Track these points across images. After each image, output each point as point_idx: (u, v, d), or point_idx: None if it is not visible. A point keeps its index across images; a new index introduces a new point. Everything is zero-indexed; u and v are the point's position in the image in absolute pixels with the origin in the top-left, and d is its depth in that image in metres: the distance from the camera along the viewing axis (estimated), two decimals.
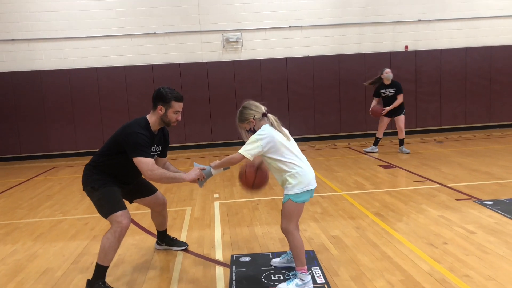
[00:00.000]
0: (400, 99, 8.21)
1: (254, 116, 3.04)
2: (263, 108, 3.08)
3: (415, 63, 11.20)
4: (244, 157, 2.95)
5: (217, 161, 3.17)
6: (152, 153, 3.29)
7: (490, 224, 4.07)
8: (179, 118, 3.35)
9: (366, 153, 8.69)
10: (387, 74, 8.17)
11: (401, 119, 8.35)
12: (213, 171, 3.19)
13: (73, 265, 3.70)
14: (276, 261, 3.44)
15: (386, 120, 8.51)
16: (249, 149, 2.93)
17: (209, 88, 10.85)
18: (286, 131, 3.10)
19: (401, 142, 8.56)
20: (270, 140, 2.93)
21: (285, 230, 3.04)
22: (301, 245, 3.01)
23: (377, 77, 8.32)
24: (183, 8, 10.76)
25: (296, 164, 2.97)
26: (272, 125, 3.02)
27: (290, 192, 2.97)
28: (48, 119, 10.61)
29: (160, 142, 3.46)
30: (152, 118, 3.32)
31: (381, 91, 8.31)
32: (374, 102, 8.48)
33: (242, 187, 3.18)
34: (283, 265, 3.39)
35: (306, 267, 3.02)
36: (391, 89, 8.25)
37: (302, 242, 3.04)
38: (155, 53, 10.81)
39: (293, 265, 3.32)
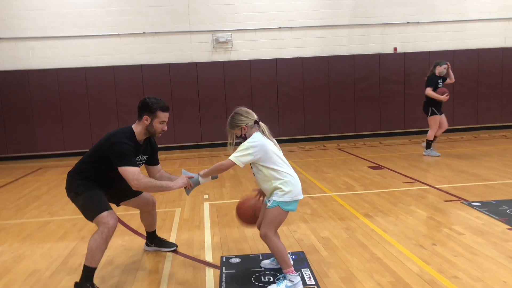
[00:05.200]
0: None
1: (247, 123, 3.04)
2: (255, 116, 3.09)
3: (403, 65, 11.30)
4: (234, 163, 2.95)
5: (206, 170, 3.18)
6: (137, 162, 3.28)
7: (478, 226, 4.11)
8: (165, 128, 3.35)
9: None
10: (445, 70, 7.82)
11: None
12: (201, 179, 3.20)
13: (61, 266, 3.66)
14: (266, 263, 3.44)
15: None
16: (239, 156, 2.94)
17: (198, 88, 10.82)
18: (274, 140, 3.11)
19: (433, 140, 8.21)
20: (261, 148, 2.93)
21: (264, 236, 3.02)
22: (282, 248, 3.00)
23: (434, 67, 7.88)
24: (173, 8, 10.71)
25: (288, 173, 2.99)
26: (263, 133, 3.03)
27: (281, 199, 2.96)
28: (35, 119, 10.47)
29: (145, 152, 3.44)
30: (137, 128, 3.31)
31: (439, 81, 7.83)
32: (430, 91, 7.74)
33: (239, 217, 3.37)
34: (273, 267, 3.39)
35: (293, 268, 3.01)
36: (442, 81, 7.94)
37: (283, 245, 3.04)
38: (144, 53, 10.74)
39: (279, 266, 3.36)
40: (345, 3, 11.14)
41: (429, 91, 7.74)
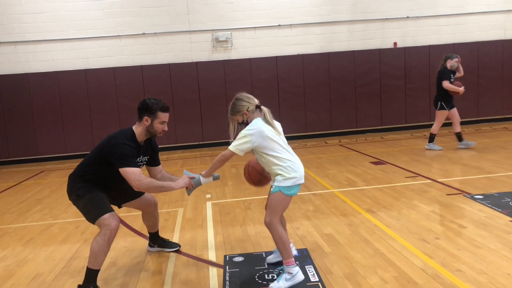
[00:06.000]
0: None
1: (248, 108, 3.03)
2: (256, 100, 3.08)
3: (404, 60, 11.27)
4: (234, 153, 2.96)
5: (208, 169, 3.20)
6: (138, 163, 3.28)
7: (481, 218, 4.09)
8: (166, 128, 3.36)
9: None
10: (456, 64, 7.72)
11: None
12: (202, 179, 3.22)
13: (64, 269, 3.67)
14: (270, 258, 3.43)
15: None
16: (237, 145, 2.95)
17: (199, 88, 10.82)
18: (278, 124, 3.11)
19: (459, 136, 7.98)
20: (259, 135, 2.93)
21: (268, 224, 3.02)
22: (285, 237, 3.01)
23: (445, 60, 7.76)
24: (172, 8, 10.70)
25: (288, 158, 2.98)
26: (265, 117, 3.02)
27: (282, 184, 2.96)
28: (36, 122, 10.49)
29: (146, 153, 3.45)
30: (138, 129, 3.32)
31: (451, 75, 7.70)
32: (448, 84, 7.58)
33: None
34: (278, 259, 3.39)
35: (293, 259, 3.01)
36: (453, 75, 7.77)
37: (286, 234, 3.04)
38: (144, 53, 10.74)
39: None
40: None
41: (447, 84, 7.59)
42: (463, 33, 11.48)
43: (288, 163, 2.97)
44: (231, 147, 2.96)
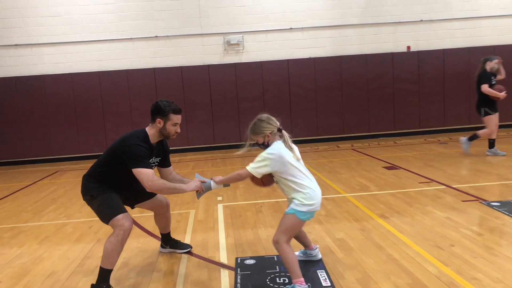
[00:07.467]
0: None
1: (272, 131, 2.99)
2: (278, 123, 3.04)
3: (417, 64, 11.18)
4: (250, 174, 2.95)
5: (221, 177, 3.20)
6: (150, 164, 3.31)
7: (497, 226, 4.03)
8: (178, 130, 3.38)
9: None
10: (497, 65, 7.32)
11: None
12: (213, 185, 3.23)
13: (78, 268, 3.70)
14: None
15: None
16: (256, 167, 2.92)
17: (210, 90, 10.85)
18: (296, 148, 3.05)
19: (492, 143, 7.64)
20: (278, 160, 2.90)
21: (276, 243, 2.95)
22: (293, 257, 2.93)
23: (484, 63, 7.39)
24: (184, 11, 10.77)
25: (307, 185, 2.94)
26: (284, 141, 2.97)
27: (298, 208, 2.93)
28: (51, 123, 10.62)
29: (158, 154, 3.48)
30: (151, 131, 3.35)
31: (492, 77, 7.29)
32: (487, 88, 7.22)
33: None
34: (304, 259, 3.44)
35: (302, 278, 2.91)
36: (495, 78, 7.36)
37: (294, 254, 2.97)
38: (156, 56, 10.82)
39: (310, 259, 3.43)
40: (356, 2, 11.07)
41: (486, 88, 7.19)
42: (478, 36, 11.35)
43: (308, 190, 2.93)
44: (249, 168, 2.93)
